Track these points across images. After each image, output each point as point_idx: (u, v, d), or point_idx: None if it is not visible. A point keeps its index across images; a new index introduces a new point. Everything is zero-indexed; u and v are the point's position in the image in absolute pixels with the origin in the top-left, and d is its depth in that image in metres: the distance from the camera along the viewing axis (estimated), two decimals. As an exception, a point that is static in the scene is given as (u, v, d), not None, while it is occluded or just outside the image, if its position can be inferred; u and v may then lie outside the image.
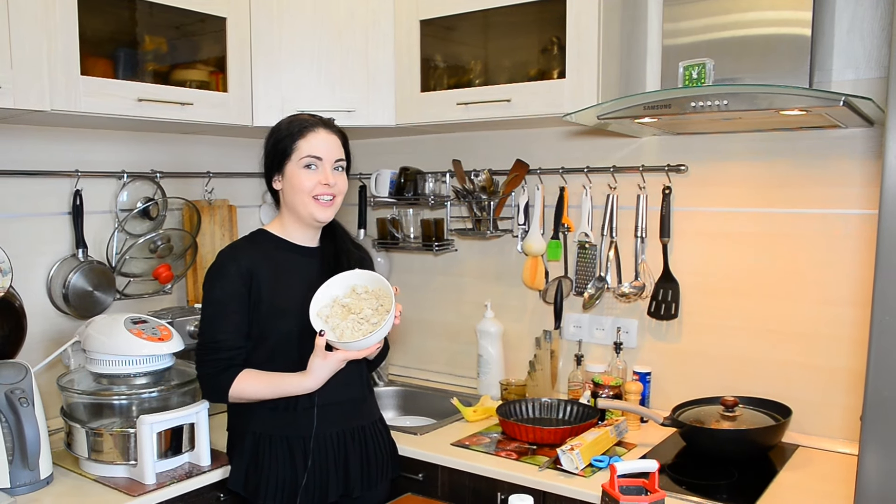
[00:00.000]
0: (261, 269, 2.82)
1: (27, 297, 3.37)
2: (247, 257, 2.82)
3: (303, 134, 2.83)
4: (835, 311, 3.29)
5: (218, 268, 2.82)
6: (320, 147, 2.83)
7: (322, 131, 2.85)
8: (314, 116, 2.91)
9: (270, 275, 2.83)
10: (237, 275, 2.78)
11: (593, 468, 3.03)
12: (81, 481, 2.96)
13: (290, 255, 2.92)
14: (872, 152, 3.16)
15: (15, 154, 3.38)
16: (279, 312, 2.81)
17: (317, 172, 2.82)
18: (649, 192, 3.66)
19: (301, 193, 2.82)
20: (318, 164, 2.82)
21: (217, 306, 2.79)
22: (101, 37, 3.20)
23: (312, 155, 2.81)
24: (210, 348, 2.78)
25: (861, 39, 3.16)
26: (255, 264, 2.81)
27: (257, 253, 2.86)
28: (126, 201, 3.75)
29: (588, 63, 3.27)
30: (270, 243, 2.92)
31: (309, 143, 2.82)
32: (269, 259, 2.86)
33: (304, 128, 2.84)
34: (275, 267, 2.86)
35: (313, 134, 2.83)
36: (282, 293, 2.83)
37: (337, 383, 2.81)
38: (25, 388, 2.82)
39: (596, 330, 3.92)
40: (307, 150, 2.81)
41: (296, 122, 2.88)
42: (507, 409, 3.60)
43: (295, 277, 2.88)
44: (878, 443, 2.08)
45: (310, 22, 3.69)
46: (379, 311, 2.75)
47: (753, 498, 2.77)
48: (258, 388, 2.76)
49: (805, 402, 3.35)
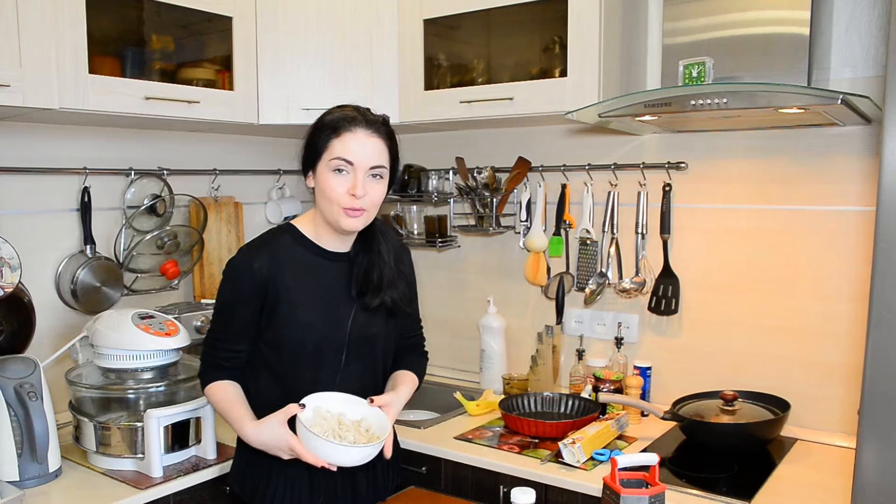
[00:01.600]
0: (281, 275, 2.58)
1: (36, 292, 3.38)
2: (267, 263, 2.57)
3: (338, 132, 2.52)
4: (833, 307, 3.30)
5: (235, 270, 2.61)
6: (354, 150, 2.50)
7: (361, 132, 2.52)
8: (360, 110, 2.59)
9: (291, 281, 2.59)
10: (251, 284, 2.56)
11: (595, 461, 3.04)
12: (89, 474, 2.97)
13: (317, 260, 2.66)
14: (870, 150, 3.16)
15: (24, 151, 3.38)
16: (297, 322, 2.59)
17: (347, 178, 2.51)
18: (650, 189, 3.66)
19: (328, 200, 2.53)
20: (350, 170, 2.51)
21: (223, 307, 2.66)
22: (109, 36, 3.20)
23: (343, 158, 2.49)
24: (210, 342, 2.70)
25: (859, 38, 3.16)
26: (276, 270, 2.57)
27: (280, 257, 2.60)
28: (133, 198, 3.75)
29: (589, 62, 3.27)
30: (297, 245, 2.65)
31: (343, 144, 2.50)
32: (293, 263, 2.62)
33: (342, 124, 2.53)
34: (297, 272, 2.62)
35: (350, 134, 2.51)
36: (302, 302, 2.60)
37: None
38: (34, 382, 2.83)
39: (597, 325, 3.92)
40: (338, 152, 2.50)
41: (336, 115, 2.57)
42: (510, 403, 3.61)
43: (318, 284, 2.64)
44: (875, 436, 2.08)
45: (314, 21, 3.69)
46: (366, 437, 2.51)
47: (753, 491, 2.77)
48: (218, 405, 2.67)
49: (803, 397, 3.35)
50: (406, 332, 2.92)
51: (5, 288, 3.07)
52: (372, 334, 2.72)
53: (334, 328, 2.63)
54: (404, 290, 2.76)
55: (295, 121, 3.68)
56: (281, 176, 4.48)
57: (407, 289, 2.79)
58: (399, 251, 2.83)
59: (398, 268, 2.76)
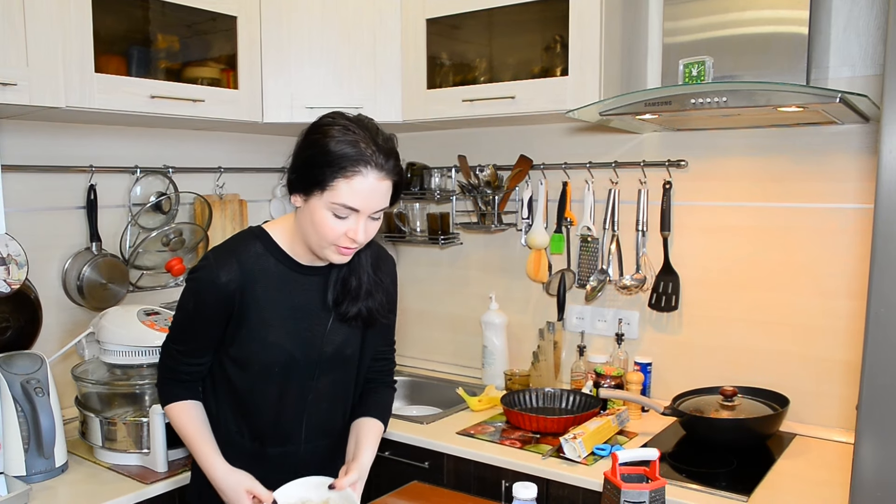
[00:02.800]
0: (251, 288, 2.35)
1: (42, 289, 3.38)
2: (236, 276, 2.32)
3: (346, 172, 2.16)
4: (831, 304, 3.30)
5: (199, 282, 2.36)
6: (363, 198, 2.20)
7: (372, 175, 2.18)
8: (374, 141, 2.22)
9: (261, 296, 2.36)
10: (217, 298, 2.33)
11: (595, 456, 3.04)
12: (95, 469, 2.97)
13: (290, 274, 2.42)
14: (868, 148, 3.16)
15: (31, 150, 3.38)
16: (265, 342, 2.38)
17: (346, 221, 2.22)
18: (650, 187, 3.66)
19: (319, 235, 2.26)
20: (352, 215, 2.22)
21: (185, 320, 2.43)
22: (115, 35, 3.20)
23: (349, 206, 2.19)
24: (170, 353, 2.48)
25: (857, 37, 3.15)
26: (245, 284, 2.34)
27: (250, 269, 2.35)
28: (139, 196, 3.76)
29: (590, 61, 3.27)
30: (270, 255, 2.40)
31: (351, 189, 2.17)
32: (263, 276, 2.37)
33: (354, 164, 2.17)
34: (268, 287, 2.38)
35: (360, 178, 2.17)
36: (272, 319, 2.38)
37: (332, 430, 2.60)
38: (41, 378, 2.83)
39: (598, 321, 3.92)
40: (344, 198, 2.18)
41: (345, 144, 2.18)
42: (512, 398, 3.61)
43: (290, 300, 2.42)
44: (873, 432, 2.08)
45: (318, 21, 3.69)
46: None
47: (752, 485, 2.77)
48: (181, 430, 2.46)
49: (802, 392, 3.35)
50: (377, 353, 2.69)
51: (12, 284, 3.07)
52: (348, 355, 2.54)
53: (306, 347, 2.44)
54: (381, 300, 2.53)
55: (299, 119, 3.68)
56: (285, 174, 4.46)
57: (384, 298, 2.55)
58: (378, 258, 2.58)
59: (377, 276, 2.52)
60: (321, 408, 2.54)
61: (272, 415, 2.48)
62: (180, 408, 2.47)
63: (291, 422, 2.51)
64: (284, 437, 2.51)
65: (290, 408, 2.49)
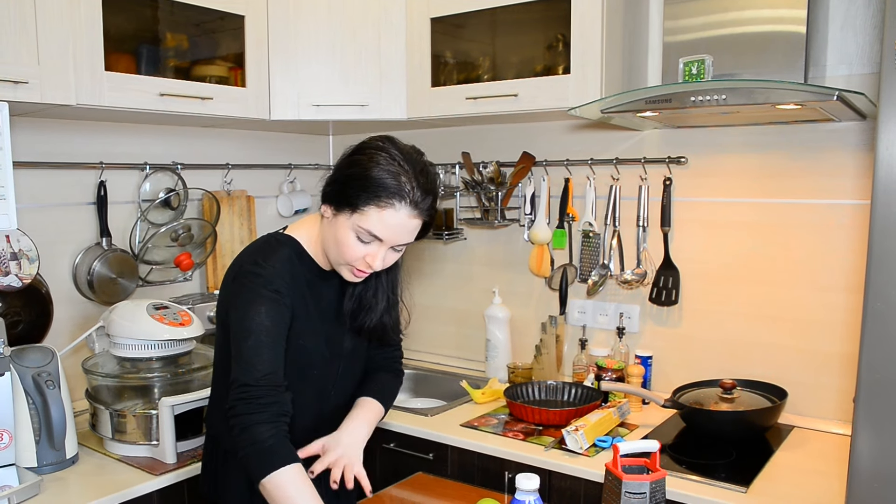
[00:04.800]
0: (295, 297, 2.32)
1: (53, 283, 3.39)
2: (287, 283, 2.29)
3: (380, 202, 2.16)
4: (829, 298, 3.30)
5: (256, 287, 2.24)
6: (389, 230, 2.20)
7: (404, 211, 2.18)
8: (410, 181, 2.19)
9: (296, 301, 2.33)
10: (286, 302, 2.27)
11: (597, 448, 3.04)
12: (105, 460, 2.97)
13: (314, 279, 2.41)
14: (865, 145, 3.16)
15: (42, 147, 3.39)
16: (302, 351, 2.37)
17: (368, 246, 2.23)
18: (650, 183, 3.65)
19: (338, 251, 2.27)
20: (375, 241, 2.23)
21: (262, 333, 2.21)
22: (125, 34, 3.20)
23: (374, 234, 2.20)
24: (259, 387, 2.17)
25: (854, 36, 3.15)
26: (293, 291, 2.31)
27: (294, 278, 2.33)
28: (148, 192, 3.76)
29: (592, 59, 3.27)
30: (298, 261, 2.38)
31: (381, 219, 2.18)
32: (299, 288, 2.35)
33: (389, 196, 2.16)
34: (303, 298, 2.36)
35: (392, 211, 2.17)
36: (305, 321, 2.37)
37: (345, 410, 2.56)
38: (52, 371, 2.83)
39: (599, 315, 3.92)
40: (371, 226, 2.19)
41: (388, 176, 2.17)
42: (514, 391, 3.61)
43: (316, 303, 2.41)
44: (870, 423, 2.08)
45: (325, 20, 3.69)
46: None
47: (751, 477, 2.77)
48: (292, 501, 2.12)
49: (800, 385, 3.35)
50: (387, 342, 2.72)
51: (24, 279, 3.08)
52: (360, 353, 2.61)
53: (331, 345, 2.47)
54: (397, 317, 2.59)
55: (305, 117, 3.69)
56: (292, 170, 4.49)
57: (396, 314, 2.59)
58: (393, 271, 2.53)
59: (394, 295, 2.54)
60: (340, 397, 2.59)
61: (311, 414, 2.50)
62: (299, 472, 2.17)
63: (324, 418, 2.53)
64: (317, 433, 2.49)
65: (325, 405, 2.53)
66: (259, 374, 2.18)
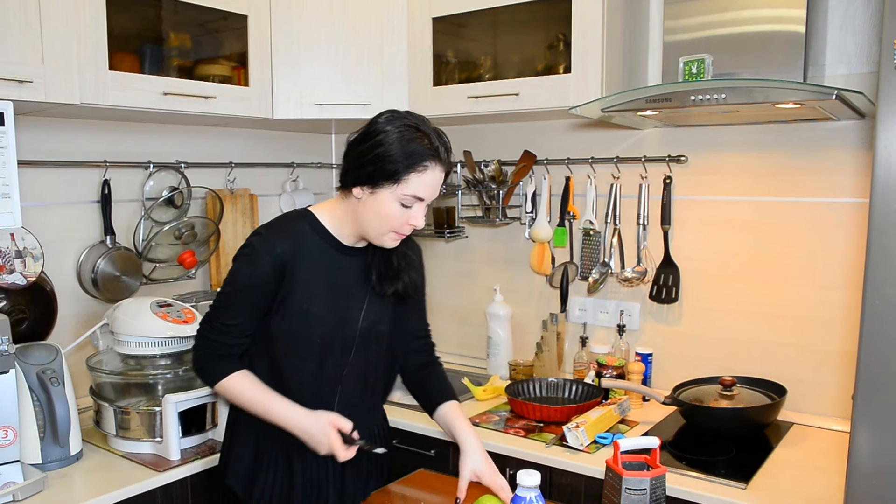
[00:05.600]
0: (298, 265, 2.44)
1: (58, 281, 3.39)
2: (284, 249, 2.41)
3: (416, 168, 2.32)
4: (828, 295, 3.30)
5: (251, 253, 2.43)
6: (429, 188, 2.38)
7: (437, 168, 2.37)
8: (434, 142, 2.39)
9: (306, 272, 2.45)
10: (269, 266, 2.40)
11: (598, 445, 3.04)
12: (109, 457, 2.98)
13: (332, 253, 2.51)
14: (863, 144, 3.16)
15: (46, 145, 3.39)
16: (308, 316, 2.46)
17: (410, 210, 2.37)
18: (651, 182, 3.65)
19: (381, 221, 2.39)
20: (416, 204, 2.38)
21: (238, 292, 2.45)
22: (129, 33, 3.20)
23: (418, 196, 2.35)
24: (217, 328, 2.48)
25: (853, 36, 3.15)
26: (293, 259, 2.43)
27: (297, 246, 2.44)
28: (152, 190, 3.76)
29: (592, 59, 3.27)
30: (315, 234, 2.49)
31: (422, 182, 2.34)
32: (309, 253, 2.46)
33: (423, 160, 2.33)
34: (313, 263, 2.46)
35: (429, 172, 2.35)
36: (314, 294, 2.47)
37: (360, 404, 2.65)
38: (56, 368, 2.84)
39: (600, 313, 3.92)
40: (416, 190, 2.34)
41: (416, 145, 2.34)
42: (516, 388, 3.61)
43: (331, 277, 2.51)
44: (869, 420, 2.08)
45: (327, 19, 3.69)
46: None
47: (750, 473, 2.77)
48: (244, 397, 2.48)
49: (799, 382, 3.35)
50: (417, 332, 2.83)
51: (28, 277, 3.08)
52: (381, 331, 2.63)
53: (344, 324, 2.53)
54: (415, 277, 2.68)
55: (308, 116, 3.69)
56: (294, 169, 4.49)
57: (416, 276, 2.70)
58: (409, 239, 2.65)
59: (408, 253, 2.67)
60: (354, 382, 2.61)
61: (310, 390, 2.53)
62: (239, 377, 2.49)
63: (328, 397, 2.56)
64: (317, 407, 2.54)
65: (326, 382, 2.56)
66: (219, 318, 2.48)
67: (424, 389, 2.80)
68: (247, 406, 2.49)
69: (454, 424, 2.67)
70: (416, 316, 2.83)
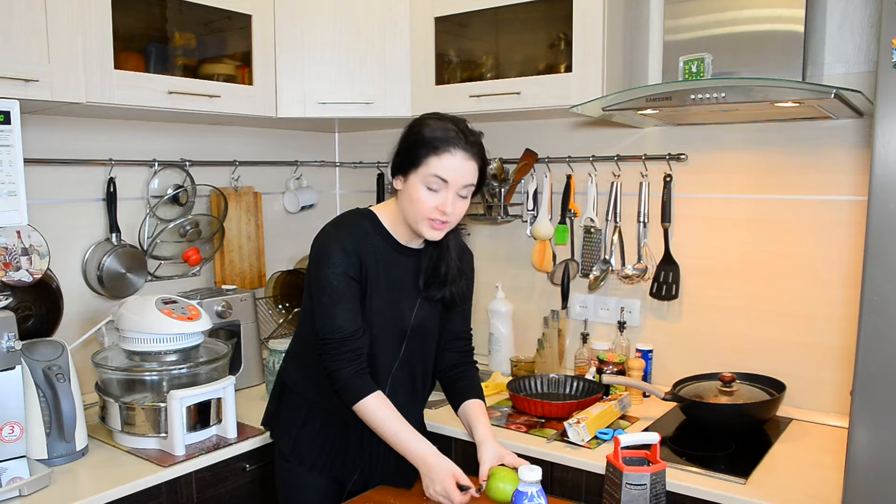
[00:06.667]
0: (368, 262, 2.58)
1: (64, 278, 3.39)
2: (356, 247, 2.56)
3: (438, 151, 2.47)
4: (826, 292, 3.30)
5: (329, 252, 2.55)
6: (451, 171, 2.48)
7: (459, 154, 2.48)
8: (460, 128, 2.53)
9: (370, 270, 2.59)
10: (352, 258, 2.53)
11: (598, 440, 3.04)
12: (115, 453, 2.98)
13: (390, 252, 2.65)
14: (862, 142, 3.16)
15: (52, 144, 3.39)
16: (369, 308, 2.60)
17: (438, 195, 2.50)
18: (651, 180, 3.65)
19: (415, 210, 2.52)
20: (443, 187, 2.49)
21: (338, 288, 2.53)
22: (134, 33, 3.21)
23: (439, 176, 2.47)
24: (336, 340, 2.52)
25: (851, 35, 3.15)
26: (364, 256, 2.57)
27: (364, 243, 2.58)
28: (157, 188, 3.76)
29: (593, 58, 3.27)
30: (375, 233, 2.63)
31: (441, 164, 2.47)
32: (373, 253, 2.60)
33: (443, 143, 2.47)
34: (374, 260, 2.60)
35: (449, 155, 2.47)
36: (376, 288, 2.61)
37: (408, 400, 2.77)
38: (62, 364, 2.84)
39: (601, 310, 3.92)
40: (435, 170, 2.47)
41: (438, 130, 2.50)
42: (517, 384, 3.61)
43: (389, 274, 2.64)
44: (867, 416, 2.08)
45: (330, 19, 3.69)
46: None
47: (749, 468, 2.77)
48: (384, 423, 2.52)
49: (798, 378, 3.35)
50: (458, 334, 2.91)
51: (34, 274, 3.08)
52: (429, 328, 2.76)
53: (398, 318, 2.67)
54: (463, 287, 2.79)
55: (312, 114, 3.69)
56: (298, 167, 4.50)
57: (466, 285, 2.81)
58: (462, 249, 2.81)
59: (461, 264, 2.77)
60: (403, 374, 2.75)
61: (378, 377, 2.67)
62: (380, 400, 2.55)
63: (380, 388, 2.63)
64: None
65: (379, 374, 2.67)
66: (334, 327, 2.53)
67: (455, 386, 2.88)
68: (381, 430, 2.55)
69: (475, 419, 2.74)
70: (461, 319, 2.92)
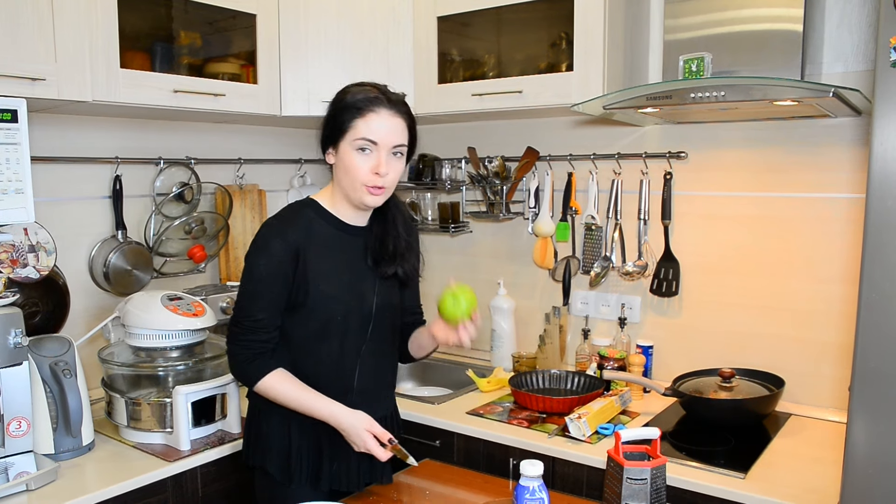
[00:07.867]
0: (307, 248, 2.50)
1: (70, 275, 3.40)
2: (294, 235, 2.49)
3: (362, 112, 2.44)
4: (825, 289, 3.30)
5: (264, 243, 2.49)
6: (378, 130, 2.44)
7: (384, 112, 2.45)
8: (380, 89, 2.51)
9: (316, 256, 2.52)
10: (283, 253, 2.46)
11: (599, 435, 3.05)
12: (121, 447, 2.98)
13: (338, 234, 2.59)
14: (860, 140, 3.15)
15: (59, 142, 3.40)
16: (324, 295, 2.52)
17: (370, 157, 2.45)
18: (651, 178, 3.65)
19: (351, 178, 2.48)
20: (373, 149, 2.45)
21: (259, 283, 2.48)
22: (140, 32, 3.20)
23: (367, 138, 2.43)
24: (247, 327, 2.50)
25: (849, 34, 3.15)
26: (302, 243, 2.49)
27: (304, 231, 2.52)
28: (162, 186, 3.77)
29: (594, 57, 3.27)
30: (319, 218, 2.57)
31: (367, 125, 2.43)
32: (316, 237, 2.53)
33: (366, 104, 2.45)
34: (321, 247, 2.54)
35: (374, 115, 2.44)
36: (326, 276, 2.53)
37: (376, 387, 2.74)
38: (69, 360, 2.84)
39: (602, 306, 3.92)
40: (363, 132, 2.43)
41: (359, 94, 2.48)
42: (519, 380, 3.62)
43: (342, 258, 2.58)
44: (865, 411, 2.08)
45: (334, 19, 3.69)
46: None
47: (749, 463, 2.77)
48: (287, 395, 2.51)
49: (797, 374, 3.35)
50: (412, 308, 2.91)
51: (41, 271, 3.09)
52: (393, 305, 2.71)
53: (360, 300, 2.60)
54: (414, 263, 2.75)
55: (315, 113, 3.68)
56: (302, 165, 4.49)
57: (416, 260, 2.77)
58: (408, 224, 2.78)
59: (409, 238, 2.74)
60: (372, 361, 2.69)
61: (332, 370, 2.61)
62: (279, 375, 2.53)
63: (348, 376, 2.64)
64: (342, 392, 2.60)
65: (347, 361, 2.63)
66: (250, 313, 2.51)
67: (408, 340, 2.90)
68: (287, 402, 2.53)
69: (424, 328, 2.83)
70: (411, 295, 2.90)
